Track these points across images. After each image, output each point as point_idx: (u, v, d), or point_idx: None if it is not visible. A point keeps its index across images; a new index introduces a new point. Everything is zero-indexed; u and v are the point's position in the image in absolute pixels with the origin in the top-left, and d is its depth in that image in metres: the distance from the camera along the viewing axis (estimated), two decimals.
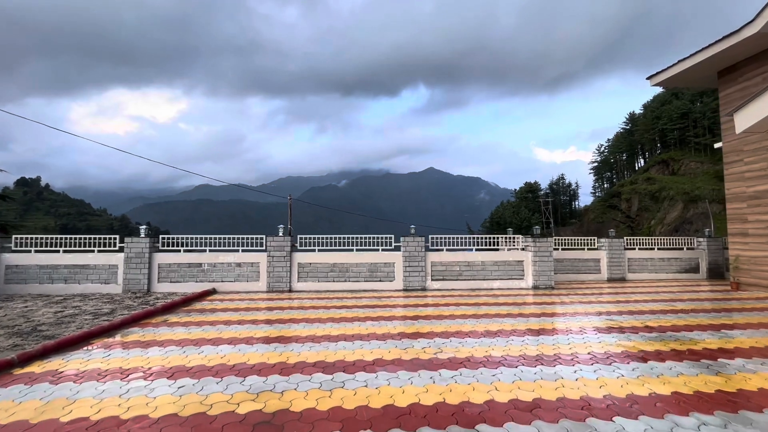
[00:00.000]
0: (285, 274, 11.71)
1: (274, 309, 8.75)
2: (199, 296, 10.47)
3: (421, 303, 9.52)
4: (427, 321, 7.36)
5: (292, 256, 11.89)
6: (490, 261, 12.36)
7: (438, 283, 12.15)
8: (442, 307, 8.86)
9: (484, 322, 7.28)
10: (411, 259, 12.03)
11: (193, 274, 11.62)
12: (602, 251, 15.10)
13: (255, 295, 10.85)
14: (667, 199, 69.43)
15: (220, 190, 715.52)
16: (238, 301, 9.82)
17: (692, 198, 64.89)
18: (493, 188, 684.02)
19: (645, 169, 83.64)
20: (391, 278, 12.06)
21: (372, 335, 6.25)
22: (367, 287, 11.94)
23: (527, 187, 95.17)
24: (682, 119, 79.34)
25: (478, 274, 12.29)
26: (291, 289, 11.79)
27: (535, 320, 7.46)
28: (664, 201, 69.99)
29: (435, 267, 12.20)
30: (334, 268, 11.97)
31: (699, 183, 67.03)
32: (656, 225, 64.65)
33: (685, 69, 12.84)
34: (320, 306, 9.13)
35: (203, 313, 8.32)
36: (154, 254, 11.57)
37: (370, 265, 12.05)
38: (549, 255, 12.35)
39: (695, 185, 66.64)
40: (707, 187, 65.05)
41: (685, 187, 66.80)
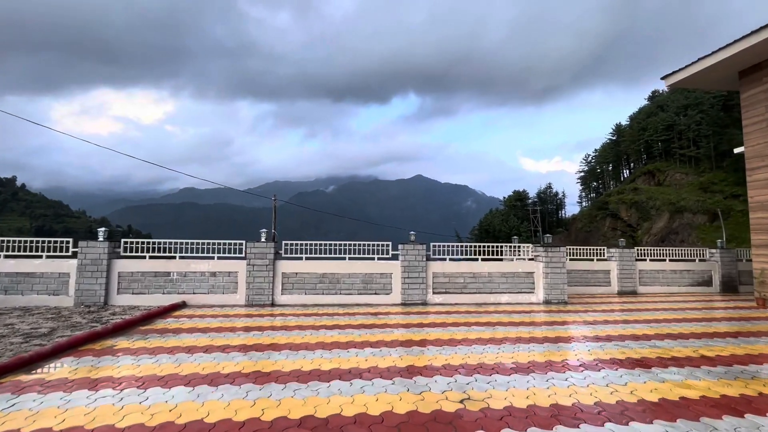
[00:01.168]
0: (267, 285, 10.25)
1: (252, 329, 7.30)
2: (164, 312, 8.93)
3: (425, 321, 8.19)
4: (438, 348, 6.04)
5: (275, 265, 10.46)
6: (497, 272, 11.15)
7: (440, 296, 10.85)
8: (450, 328, 7.55)
9: (507, 350, 5.99)
10: (411, 270, 10.72)
11: (159, 284, 10.06)
12: (612, 262, 14.08)
13: (231, 310, 9.37)
14: (654, 209, 70.12)
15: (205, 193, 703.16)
16: (210, 319, 8.32)
17: (678, 209, 65.57)
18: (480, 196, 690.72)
19: (631, 180, 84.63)
20: (387, 291, 10.72)
21: (374, 370, 4.90)
22: (361, 301, 10.57)
23: (516, 195, 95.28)
24: (667, 131, 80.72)
25: (484, 287, 11.05)
26: (274, 302, 10.33)
27: (569, 348, 6.22)
28: (651, 211, 70.70)
29: (437, 278, 10.92)
30: (323, 278, 10.58)
31: (684, 194, 67.91)
32: (642, 235, 65.01)
33: (704, 69, 12.00)
34: (308, 325, 7.72)
35: (164, 335, 6.82)
36: (113, 261, 9.98)
37: (364, 275, 10.69)
38: (562, 266, 11.21)
39: (680, 196, 67.45)
40: (692, 198, 65.91)
41: (671, 197, 67.53)
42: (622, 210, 77.08)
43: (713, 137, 72.85)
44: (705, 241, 53.11)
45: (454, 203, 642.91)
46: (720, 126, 73.20)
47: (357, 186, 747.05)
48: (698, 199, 64.75)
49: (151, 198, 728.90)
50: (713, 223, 62.05)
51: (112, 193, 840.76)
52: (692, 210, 63.37)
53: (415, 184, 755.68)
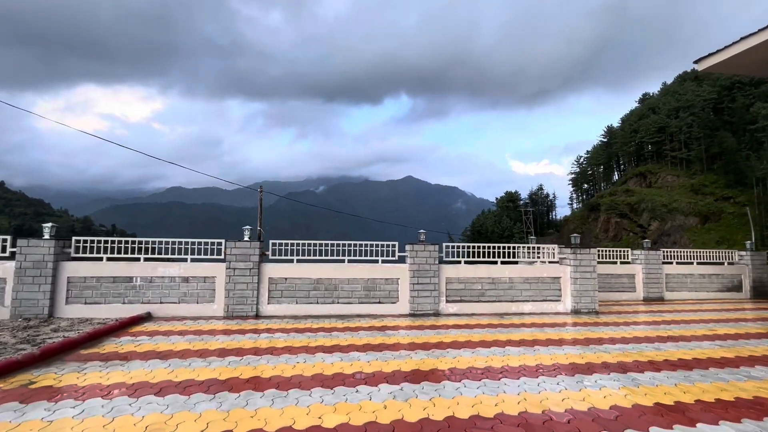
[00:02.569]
0: (251, 292, 8.58)
1: (229, 354, 5.65)
2: (121, 327, 7.20)
3: (446, 340, 6.63)
4: (476, 383, 4.49)
5: (261, 269, 8.80)
6: (519, 277, 9.67)
7: (455, 305, 9.33)
8: (481, 350, 6.00)
9: (570, 385, 4.48)
10: (421, 274, 9.16)
11: (119, 291, 8.31)
12: (637, 265, 12.76)
13: (206, 324, 7.68)
14: (646, 211, 70.02)
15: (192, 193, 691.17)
16: (176, 337, 6.63)
17: (669, 210, 65.49)
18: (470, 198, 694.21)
19: (623, 181, 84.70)
20: (393, 299, 9.15)
21: (400, 427, 3.32)
22: (363, 311, 8.97)
23: (508, 196, 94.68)
24: (659, 133, 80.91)
25: (505, 294, 9.56)
26: (259, 313, 8.67)
27: (643, 380, 4.73)
28: (643, 213, 70.61)
29: (451, 285, 9.39)
30: (318, 284, 8.95)
31: (676, 196, 67.92)
32: (636, 238, 64.70)
33: (747, 50, 10.72)
34: (300, 346, 6.10)
35: (109, 363, 5.13)
36: (61, 263, 8.19)
37: (366, 281, 9.10)
38: (592, 270, 9.79)
39: (672, 198, 67.43)
40: (684, 200, 65.90)
41: (663, 199, 67.47)
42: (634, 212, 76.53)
43: (704, 140, 73.15)
44: (697, 244, 52.82)
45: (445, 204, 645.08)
46: (711, 129, 73.57)
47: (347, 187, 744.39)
48: (690, 201, 64.77)
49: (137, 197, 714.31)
50: (705, 225, 62.08)
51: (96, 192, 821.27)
52: (684, 212, 63.35)
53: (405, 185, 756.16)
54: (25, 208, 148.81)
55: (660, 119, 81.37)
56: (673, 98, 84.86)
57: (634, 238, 64.24)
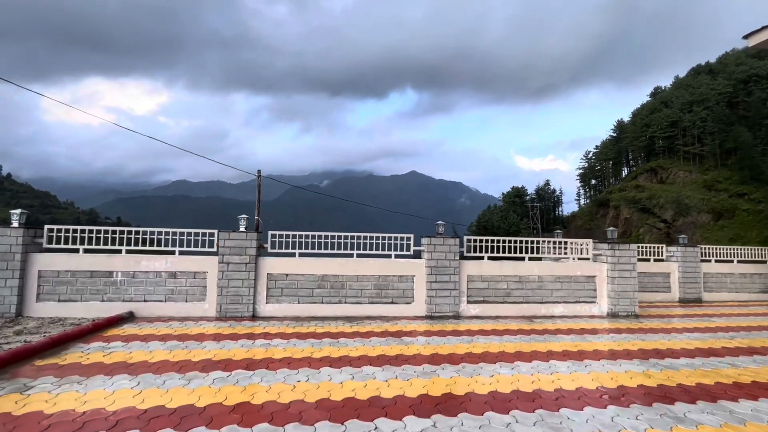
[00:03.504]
0: (247, 290, 7.55)
1: (215, 367, 4.62)
2: (95, 329, 6.19)
3: (475, 351, 5.56)
4: (531, 416, 3.43)
5: (258, 263, 7.75)
6: (550, 276, 8.56)
7: (477, 307, 8.25)
8: (521, 365, 4.93)
9: (647, 415, 3.41)
10: (439, 271, 8.08)
11: (98, 288, 7.31)
12: (673, 263, 11.61)
13: (195, 327, 6.66)
14: (657, 207, 68.45)
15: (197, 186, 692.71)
16: (156, 343, 5.62)
17: (682, 207, 63.90)
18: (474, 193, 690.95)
19: (633, 177, 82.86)
20: (408, 299, 8.08)
21: None
22: (374, 312, 7.92)
23: (514, 191, 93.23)
24: (671, 128, 78.81)
25: (533, 295, 8.47)
26: (256, 314, 7.64)
27: (743, 412, 3.65)
28: (654, 209, 68.98)
29: (473, 283, 8.31)
30: (323, 282, 7.90)
31: (688, 192, 66.22)
32: (645, 234, 63.24)
33: None
34: (302, 358, 5.06)
35: (63, 381, 4.11)
36: (32, 255, 7.20)
37: (378, 278, 8.03)
38: (632, 269, 8.67)
39: (685, 194, 65.76)
40: (696, 196, 64.21)
41: (675, 195, 65.85)
42: (623, 208, 75.41)
43: (718, 134, 71.12)
44: (709, 241, 51.22)
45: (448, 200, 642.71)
46: (725, 123, 71.47)
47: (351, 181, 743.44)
48: (703, 198, 63.07)
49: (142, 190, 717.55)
50: (717, 222, 60.44)
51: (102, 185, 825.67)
52: (697, 208, 61.72)
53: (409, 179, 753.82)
54: (32, 200, 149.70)
55: (673, 113, 79.24)
56: (686, 92, 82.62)
57: (656, 234, 62.56)
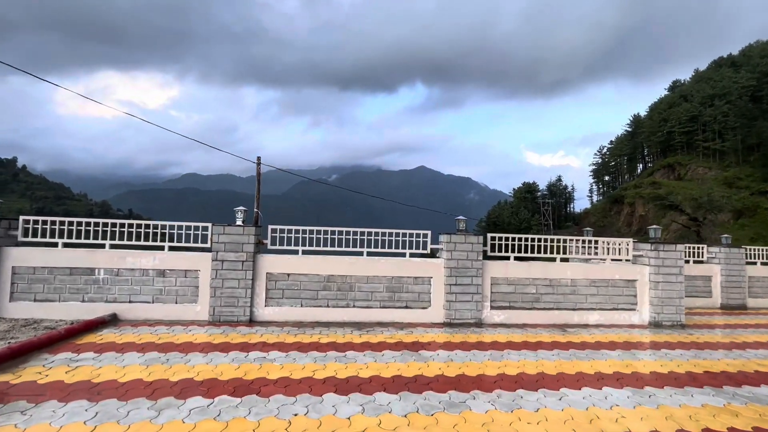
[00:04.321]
0: (243, 291, 6.72)
1: (196, 391, 3.78)
2: (69, 336, 5.40)
3: (508, 371, 4.65)
4: None
5: (257, 261, 6.91)
6: (584, 279, 7.58)
7: (501, 313, 7.31)
8: (570, 395, 4.01)
9: None
10: (460, 273, 7.15)
11: (78, 286, 6.54)
12: (715, 265, 10.51)
13: (182, 334, 5.85)
14: (663, 206, 66.28)
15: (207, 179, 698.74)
16: (133, 354, 4.81)
17: (700, 205, 61.83)
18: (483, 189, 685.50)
19: (649, 173, 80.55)
20: (424, 303, 7.18)
21: None
22: (386, 317, 7.03)
23: (525, 187, 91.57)
24: (690, 122, 76.14)
25: (565, 301, 7.50)
26: (253, 318, 6.81)
27: None
28: (671, 207, 66.96)
29: (498, 286, 7.37)
30: (329, 282, 7.03)
31: (707, 189, 63.99)
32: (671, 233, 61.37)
33: None
34: (302, 379, 4.20)
35: (4, 409, 3.31)
36: (5, 249, 6.44)
37: (390, 280, 7.14)
38: (678, 272, 7.64)
39: (704, 191, 63.58)
40: (716, 193, 61.98)
41: (693, 193, 63.68)
42: (639, 204, 73.48)
43: (741, 129, 68.45)
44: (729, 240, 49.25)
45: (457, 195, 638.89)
46: (748, 118, 68.68)
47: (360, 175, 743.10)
48: (723, 195, 60.84)
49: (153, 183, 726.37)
50: (738, 221, 58.30)
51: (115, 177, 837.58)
52: (716, 206, 59.61)
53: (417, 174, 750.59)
54: (46, 192, 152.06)
55: (692, 107, 76.53)
56: (707, 85, 79.70)
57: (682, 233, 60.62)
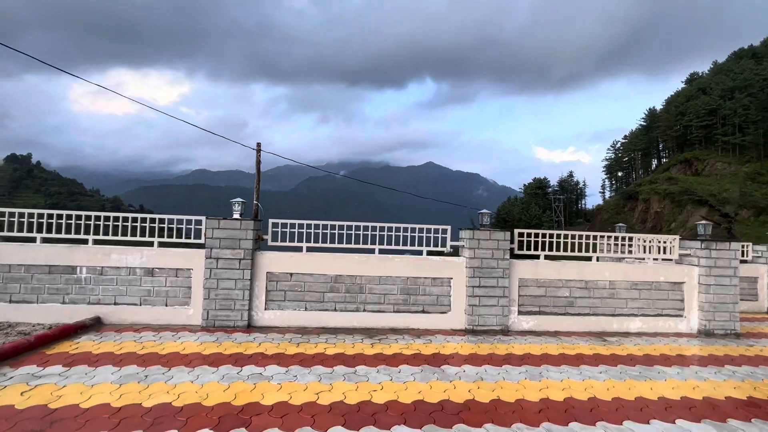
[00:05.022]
0: (240, 293, 5.99)
1: (169, 425, 3.04)
2: (40, 344, 4.73)
3: (552, 394, 3.84)
4: None
5: (256, 259, 6.17)
6: (624, 281, 6.70)
7: (530, 319, 6.48)
8: (634, 430, 3.19)
9: None
10: (484, 273, 6.33)
11: (57, 286, 5.88)
12: (761, 265, 9.52)
13: (168, 343, 5.13)
14: (691, 201, 64.57)
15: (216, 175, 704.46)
16: (106, 370, 4.09)
17: (719, 201, 59.88)
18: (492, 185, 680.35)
19: (665, 168, 78.39)
20: (443, 307, 6.38)
21: None
22: (400, 323, 6.25)
23: (536, 183, 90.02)
24: (709, 116, 73.67)
25: (602, 305, 6.64)
26: (252, 322, 6.08)
27: None
28: (688, 203, 65.11)
29: (526, 289, 6.53)
30: (336, 284, 6.27)
31: (726, 185, 61.92)
32: (677, 229, 59.62)
33: None
34: (301, 409, 3.44)
35: None
36: None
37: (405, 281, 6.35)
38: (733, 274, 6.72)
39: (722, 187, 61.54)
40: (736, 189, 59.91)
41: (711, 188, 61.71)
42: (654, 201, 71.65)
43: (762, 123, 66.00)
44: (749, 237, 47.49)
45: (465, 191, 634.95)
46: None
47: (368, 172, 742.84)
48: (743, 191, 58.76)
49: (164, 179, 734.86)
50: (759, 218, 56.25)
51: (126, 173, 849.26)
52: (736, 202, 57.62)
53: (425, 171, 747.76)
54: (60, 188, 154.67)
55: (711, 100, 74.00)
56: (727, 77, 77.01)
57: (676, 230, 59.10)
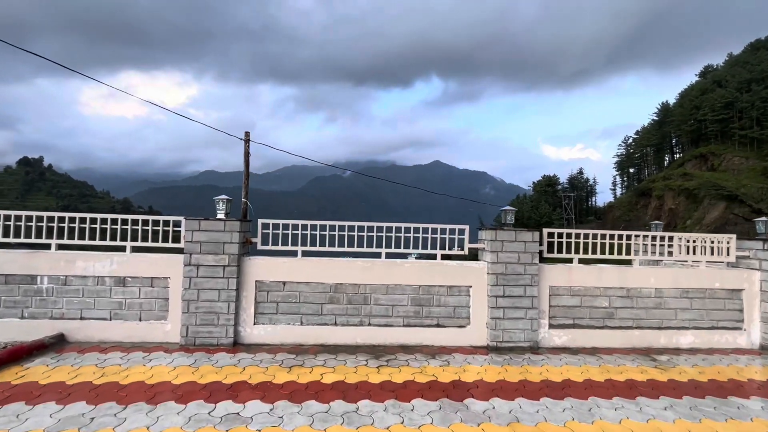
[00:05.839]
0: (225, 305, 5.15)
1: None
2: None
3: None
4: None
5: (243, 266, 5.33)
6: (673, 289, 5.73)
7: (563, 333, 5.55)
8: None
9: None
10: (509, 280, 5.41)
11: (15, 299, 5.10)
12: None
13: (136, 368, 4.31)
14: (707, 197, 62.76)
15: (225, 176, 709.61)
16: (45, 411, 3.26)
17: (737, 197, 58.01)
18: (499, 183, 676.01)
19: (679, 164, 76.35)
20: (461, 320, 5.48)
21: None
22: (411, 339, 5.36)
23: (546, 180, 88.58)
24: (725, 109, 71.45)
25: (647, 317, 5.67)
26: (239, 339, 5.24)
27: None
28: (704, 200, 63.30)
29: (558, 298, 5.60)
30: (337, 293, 5.40)
31: (744, 180, 59.97)
32: (693, 226, 57.85)
33: None
34: None
35: None
36: None
37: (417, 290, 5.46)
38: None
39: (740, 182, 59.60)
40: (754, 185, 57.96)
41: (728, 184, 59.81)
42: (668, 197, 69.82)
43: None
44: None
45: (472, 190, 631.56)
46: None
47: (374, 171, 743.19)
48: (762, 187, 56.76)
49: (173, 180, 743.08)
50: None
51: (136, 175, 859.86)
52: (754, 199, 55.67)
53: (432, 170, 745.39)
54: (71, 190, 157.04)
55: (728, 93, 71.78)
56: (743, 69, 74.67)
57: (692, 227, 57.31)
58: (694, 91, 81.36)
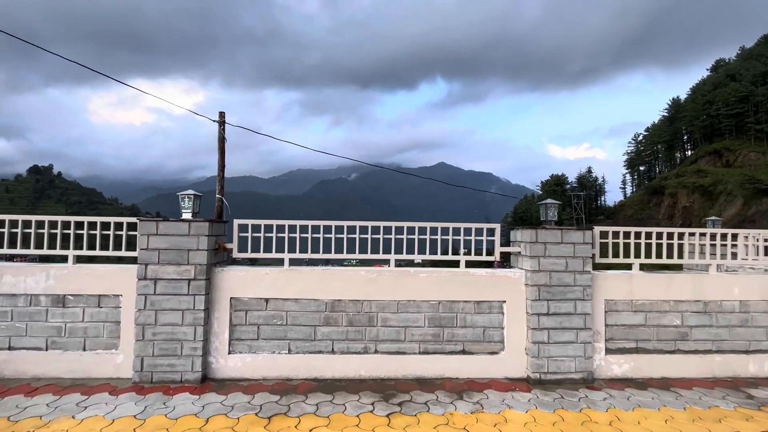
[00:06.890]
0: (191, 330, 4.02)
1: None
2: None
3: None
4: None
5: (215, 279, 4.20)
6: (763, 301, 4.50)
7: (625, 359, 4.33)
8: None
9: None
10: (554, 293, 4.22)
11: None
12: None
13: (63, 422, 3.20)
14: (724, 193, 60.88)
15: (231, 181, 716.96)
16: None
17: (755, 192, 56.16)
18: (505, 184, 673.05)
19: (693, 161, 74.32)
20: (493, 344, 4.29)
21: None
22: (429, 370, 4.19)
23: (554, 180, 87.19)
24: (740, 103, 69.38)
25: (731, 337, 4.45)
26: (209, 374, 4.11)
27: None
28: (720, 196, 61.41)
29: (615, 315, 4.39)
30: (334, 312, 4.25)
31: (762, 175, 58.03)
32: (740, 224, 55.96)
33: None
34: None
35: None
36: None
37: (436, 306, 4.29)
38: None
39: (757, 178, 57.71)
40: None
41: (745, 180, 57.94)
42: (682, 195, 67.93)
43: None
44: None
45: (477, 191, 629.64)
46: None
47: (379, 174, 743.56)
48: None
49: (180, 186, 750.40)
50: None
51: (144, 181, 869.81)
52: None
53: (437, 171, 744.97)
54: (80, 197, 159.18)
55: (742, 87, 69.69)
56: (758, 62, 72.56)
57: None
58: (707, 85, 79.30)
